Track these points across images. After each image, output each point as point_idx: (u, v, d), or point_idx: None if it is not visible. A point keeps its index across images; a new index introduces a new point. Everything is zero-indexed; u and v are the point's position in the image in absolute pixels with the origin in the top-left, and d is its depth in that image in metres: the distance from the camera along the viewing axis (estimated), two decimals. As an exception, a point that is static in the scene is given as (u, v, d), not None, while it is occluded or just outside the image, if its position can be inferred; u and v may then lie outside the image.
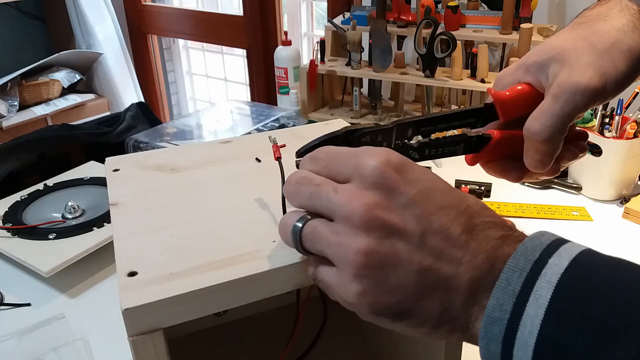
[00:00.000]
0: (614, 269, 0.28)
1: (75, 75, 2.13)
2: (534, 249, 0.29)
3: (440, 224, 0.30)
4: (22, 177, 0.99)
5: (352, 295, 0.30)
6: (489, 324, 0.28)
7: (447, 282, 0.29)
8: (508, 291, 0.28)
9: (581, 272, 0.27)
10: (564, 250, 0.28)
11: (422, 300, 0.30)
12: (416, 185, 0.31)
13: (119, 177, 0.48)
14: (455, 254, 0.30)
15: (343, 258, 0.30)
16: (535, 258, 0.28)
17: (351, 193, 0.31)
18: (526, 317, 0.27)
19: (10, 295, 0.71)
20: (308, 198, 0.33)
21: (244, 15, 2.05)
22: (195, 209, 0.43)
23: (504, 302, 0.28)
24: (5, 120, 1.90)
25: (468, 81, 1.15)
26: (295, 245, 0.33)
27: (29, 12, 2.28)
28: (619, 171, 0.89)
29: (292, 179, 0.34)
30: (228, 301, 0.34)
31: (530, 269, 0.28)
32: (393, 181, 0.30)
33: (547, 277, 0.27)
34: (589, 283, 0.27)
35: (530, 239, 0.29)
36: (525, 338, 0.27)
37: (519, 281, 0.28)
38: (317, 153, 0.35)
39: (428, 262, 0.29)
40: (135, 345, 0.33)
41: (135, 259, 0.36)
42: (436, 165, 1.07)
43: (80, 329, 0.64)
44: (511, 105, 0.42)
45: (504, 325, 0.28)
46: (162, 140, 1.09)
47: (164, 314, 0.33)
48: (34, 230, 0.76)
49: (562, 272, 0.27)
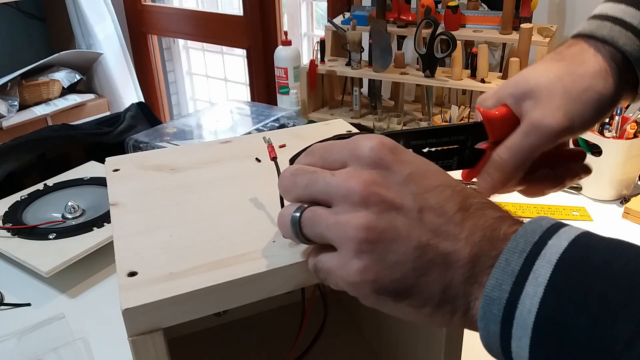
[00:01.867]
0: (613, 248, 0.28)
1: (75, 75, 2.13)
2: (534, 232, 0.29)
3: (436, 200, 0.31)
4: (22, 177, 0.99)
5: (353, 273, 0.30)
6: (488, 303, 0.28)
7: (446, 258, 0.30)
8: (507, 271, 0.28)
9: (580, 251, 0.27)
10: (564, 233, 0.29)
11: (422, 277, 0.30)
12: (411, 166, 0.32)
13: (119, 177, 0.48)
14: (453, 230, 0.30)
15: (343, 236, 0.30)
16: (535, 240, 0.28)
17: (348, 174, 0.31)
18: (525, 296, 0.27)
19: (10, 295, 0.71)
20: (304, 187, 0.33)
21: (244, 15, 2.05)
22: (195, 209, 0.43)
23: (502, 281, 0.28)
24: (5, 120, 1.90)
25: (468, 81, 1.15)
26: (295, 233, 0.33)
27: (29, 12, 2.28)
28: (619, 171, 0.89)
29: (286, 172, 0.35)
30: (228, 301, 0.34)
31: (530, 250, 0.28)
32: (389, 161, 0.31)
33: (546, 257, 0.27)
34: (589, 261, 0.27)
35: (530, 222, 0.30)
36: (524, 317, 0.27)
37: (519, 261, 0.28)
38: (313, 148, 0.35)
39: (426, 237, 0.30)
40: (135, 345, 0.33)
41: (135, 259, 0.36)
42: (436, 165, 1.07)
43: (80, 329, 0.64)
44: (499, 125, 0.43)
45: (502, 304, 0.28)
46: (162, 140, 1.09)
47: (164, 314, 0.33)
48: (34, 230, 0.76)
49: (562, 252, 0.27)
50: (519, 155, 0.42)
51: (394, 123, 1.23)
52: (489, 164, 0.43)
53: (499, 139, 0.43)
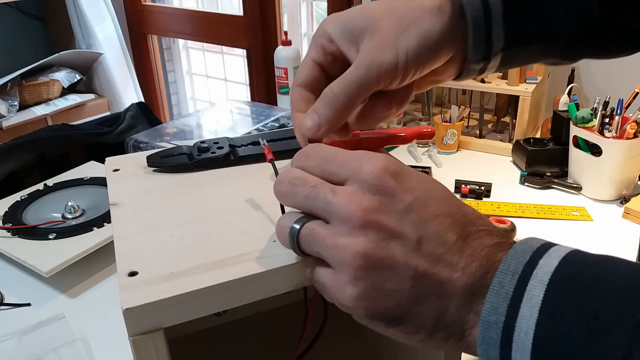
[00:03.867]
0: (603, 263, 0.28)
1: (75, 75, 2.13)
2: (524, 252, 0.29)
3: (436, 230, 0.30)
4: (22, 177, 0.99)
5: (348, 299, 0.31)
6: (486, 328, 0.28)
7: (442, 288, 0.30)
8: (501, 294, 0.28)
9: (571, 269, 0.28)
10: (554, 252, 0.29)
11: (417, 306, 0.30)
12: (413, 193, 0.31)
13: (119, 177, 0.48)
14: (451, 259, 0.30)
15: (341, 260, 0.30)
16: (526, 260, 0.28)
17: (350, 196, 0.31)
18: (521, 318, 0.27)
19: (10, 295, 0.71)
20: (304, 199, 0.32)
21: (244, 15, 2.04)
22: (195, 209, 0.43)
23: (498, 305, 0.28)
24: (5, 120, 1.90)
25: (468, 81, 1.15)
26: (293, 247, 0.33)
27: (29, 12, 2.28)
28: (619, 171, 0.89)
29: (284, 178, 0.34)
30: (229, 301, 0.34)
31: (522, 270, 0.28)
32: (391, 188, 0.31)
33: (538, 276, 0.27)
34: (580, 278, 0.27)
35: (520, 243, 0.30)
36: (522, 339, 0.27)
37: (512, 283, 0.28)
38: (310, 150, 0.35)
39: (424, 267, 0.30)
40: (136, 345, 0.33)
41: (136, 258, 0.36)
42: (436, 165, 1.07)
43: (80, 329, 0.64)
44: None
45: (500, 328, 0.28)
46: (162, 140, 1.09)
47: (164, 314, 0.33)
48: (34, 230, 0.76)
49: (553, 270, 0.27)
50: (350, 90, 0.39)
51: (394, 123, 1.23)
52: (319, 100, 0.40)
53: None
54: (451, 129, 1.11)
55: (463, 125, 1.15)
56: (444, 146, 1.13)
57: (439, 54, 0.40)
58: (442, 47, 0.40)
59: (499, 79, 1.15)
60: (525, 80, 1.11)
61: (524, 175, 0.99)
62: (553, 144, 1.01)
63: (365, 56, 0.39)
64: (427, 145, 1.16)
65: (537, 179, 0.98)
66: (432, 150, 1.13)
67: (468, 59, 0.41)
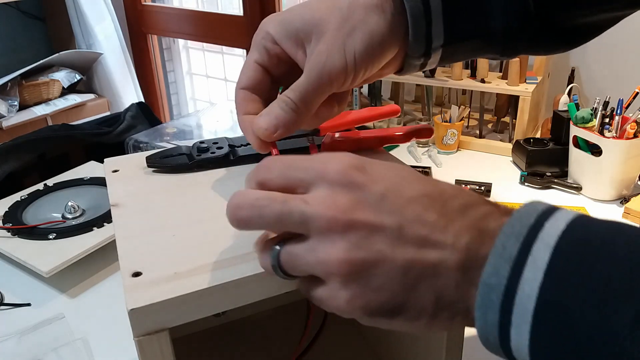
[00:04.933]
0: (611, 228, 0.27)
1: (75, 75, 2.13)
2: (529, 215, 0.28)
3: (415, 213, 0.30)
4: (22, 177, 0.99)
5: (343, 303, 0.30)
6: (486, 291, 0.27)
7: (435, 269, 0.29)
8: (504, 256, 0.27)
9: (579, 233, 0.27)
10: (560, 215, 0.28)
11: (412, 292, 0.29)
12: (384, 181, 0.31)
13: (120, 178, 0.48)
14: (437, 239, 0.29)
15: (327, 273, 0.30)
16: (531, 222, 0.28)
17: (323, 200, 0.30)
18: (524, 281, 0.26)
19: (10, 295, 0.71)
20: (276, 220, 0.31)
21: (244, 15, 2.05)
22: (196, 209, 0.43)
23: (500, 267, 0.27)
24: (5, 120, 1.90)
25: (468, 81, 1.15)
26: (282, 278, 0.33)
27: (29, 12, 2.28)
28: (619, 171, 0.89)
29: (241, 202, 0.32)
30: (233, 300, 0.34)
31: (527, 233, 0.27)
32: (360, 181, 0.30)
33: (544, 240, 0.27)
34: (589, 243, 0.26)
35: (526, 205, 0.29)
36: (524, 302, 0.26)
37: (515, 246, 0.27)
38: (268, 163, 0.34)
39: (410, 254, 0.29)
40: (141, 346, 0.33)
41: (139, 259, 0.36)
42: (436, 165, 1.07)
43: (80, 329, 0.64)
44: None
45: (501, 291, 0.27)
46: (162, 140, 1.09)
47: (169, 314, 0.33)
48: (34, 230, 0.76)
49: (560, 233, 0.27)
50: (306, 97, 0.39)
51: (394, 123, 1.23)
52: (275, 104, 0.40)
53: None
54: (451, 129, 1.11)
55: (463, 125, 1.15)
56: (444, 146, 1.13)
57: (384, 53, 0.40)
58: (387, 46, 0.40)
59: (499, 79, 1.15)
60: (526, 80, 1.11)
61: (524, 175, 0.99)
62: (553, 144, 1.01)
63: (316, 62, 0.39)
64: (427, 145, 1.16)
65: (537, 179, 0.98)
66: (432, 150, 1.13)
67: (409, 55, 0.42)
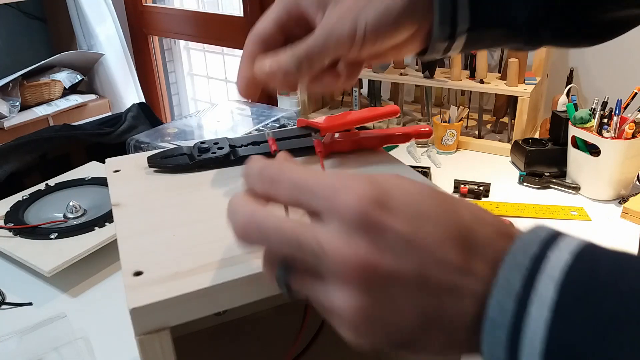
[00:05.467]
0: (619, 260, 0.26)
1: (76, 76, 2.13)
2: (531, 243, 0.27)
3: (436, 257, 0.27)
4: (23, 177, 0.99)
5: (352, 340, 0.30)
6: (492, 327, 0.26)
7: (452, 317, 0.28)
8: (508, 291, 0.26)
9: (586, 266, 0.25)
10: (564, 244, 0.26)
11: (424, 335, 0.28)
12: (403, 216, 0.28)
13: (121, 178, 0.49)
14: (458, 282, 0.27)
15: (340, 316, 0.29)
16: (535, 252, 0.26)
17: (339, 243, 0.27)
18: (531, 320, 0.25)
19: (12, 294, 0.71)
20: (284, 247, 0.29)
21: (244, 16, 2.05)
22: (197, 209, 0.43)
23: (504, 303, 0.26)
24: (6, 121, 1.90)
25: (467, 82, 1.16)
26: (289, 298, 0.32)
27: (30, 12, 2.28)
28: (617, 171, 0.90)
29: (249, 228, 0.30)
30: (234, 299, 0.35)
31: (530, 265, 0.26)
32: (378, 221, 0.27)
33: (549, 274, 0.25)
34: (595, 276, 0.25)
35: (527, 232, 0.28)
36: (532, 341, 0.25)
37: (518, 279, 0.26)
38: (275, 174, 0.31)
39: (428, 300, 0.27)
40: (142, 345, 0.33)
41: (140, 259, 0.36)
42: (435, 166, 1.08)
43: (81, 328, 0.64)
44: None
45: (506, 328, 0.26)
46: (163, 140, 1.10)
47: (171, 313, 0.33)
48: (36, 230, 0.77)
49: (565, 268, 0.25)
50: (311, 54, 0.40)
51: (394, 124, 1.23)
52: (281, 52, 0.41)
53: None
54: (450, 130, 1.11)
55: (462, 125, 1.16)
56: (443, 146, 1.13)
57: (399, 29, 0.40)
58: (402, 23, 0.40)
59: (497, 79, 1.15)
60: (524, 80, 1.11)
61: (522, 175, 1.00)
62: (552, 144, 1.02)
63: (326, 24, 0.40)
64: (427, 145, 1.17)
65: (536, 179, 0.98)
66: (431, 150, 1.14)
67: (434, 37, 0.41)
